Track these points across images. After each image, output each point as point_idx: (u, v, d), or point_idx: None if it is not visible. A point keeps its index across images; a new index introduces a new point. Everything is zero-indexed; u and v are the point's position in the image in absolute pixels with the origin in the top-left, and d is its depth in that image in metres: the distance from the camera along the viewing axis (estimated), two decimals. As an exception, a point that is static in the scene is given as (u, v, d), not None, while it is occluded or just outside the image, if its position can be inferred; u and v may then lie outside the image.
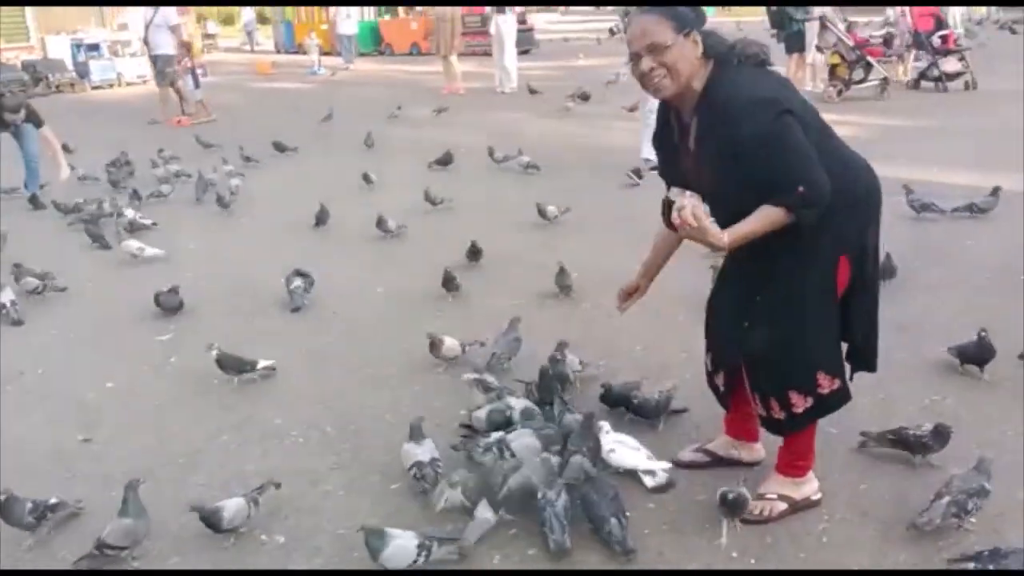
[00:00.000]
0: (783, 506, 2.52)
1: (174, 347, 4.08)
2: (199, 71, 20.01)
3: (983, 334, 3.25)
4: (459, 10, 14.45)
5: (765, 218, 2.15)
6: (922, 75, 11.04)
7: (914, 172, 6.49)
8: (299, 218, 6.17)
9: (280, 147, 8.98)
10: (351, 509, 2.66)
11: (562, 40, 21.92)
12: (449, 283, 4.50)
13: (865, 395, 3.13)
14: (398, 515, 2.59)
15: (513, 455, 2.70)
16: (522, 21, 20.74)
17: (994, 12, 23.07)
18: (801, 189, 2.12)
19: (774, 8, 10.72)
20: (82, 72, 17.93)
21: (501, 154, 7.60)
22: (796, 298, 2.31)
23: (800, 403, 2.36)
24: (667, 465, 2.74)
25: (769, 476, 2.59)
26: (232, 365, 3.61)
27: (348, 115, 11.46)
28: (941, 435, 2.66)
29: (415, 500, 2.68)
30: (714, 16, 30.15)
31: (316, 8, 25.31)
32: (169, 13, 11.55)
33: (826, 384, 2.36)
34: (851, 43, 10.31)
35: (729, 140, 2.14)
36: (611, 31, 6.53)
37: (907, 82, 11.37)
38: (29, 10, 20.26)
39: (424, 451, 2.73)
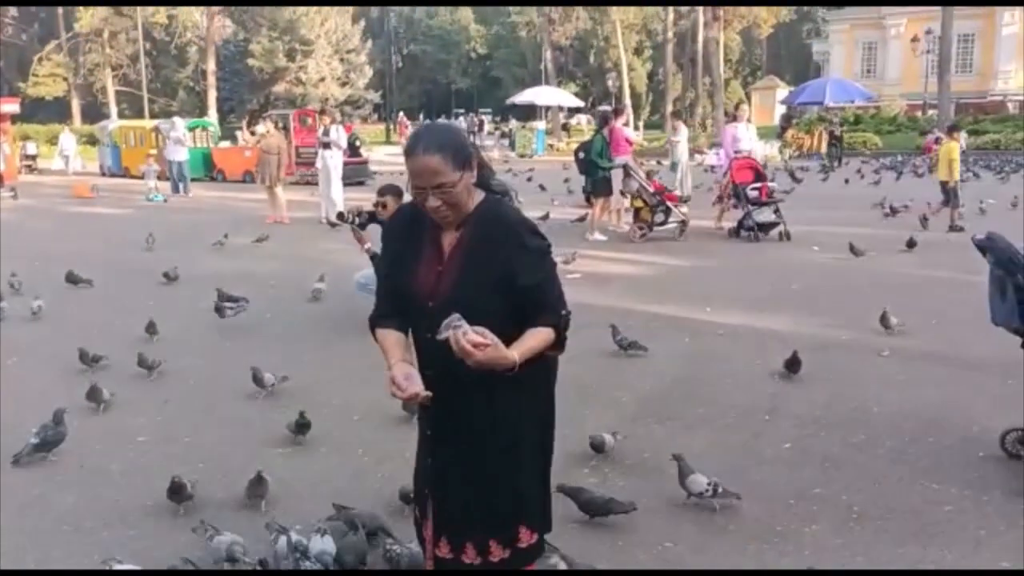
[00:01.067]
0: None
1: None
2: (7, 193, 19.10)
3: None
4: (284, 143, 14.77)
5: (541, 337, 2.17)
6: (740, 224, 11.11)
7: (686, 310, 6.99)
8: (71, 360, 5.75)
9: (73, 279, 8.53)
10: None
11: (399, 173, 22.50)
12: (178, 494, 3.56)
13: (604, 541, 3.24)
14: None
15: None
16: (356, 153, 21.25)
17: (787, 160, 25.82)
18: (564, 312, 2.22)
19: (581, 155, 11.43)
20: None
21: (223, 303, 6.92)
22: (516, 450, 2.32)
23: (498, 553, 2.33)
24: None
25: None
26: None
27: (169, 243, 11.17)
28: None
29: None
30: (543, 154, 32.02)
31: (148, 131, 24.84)
32: None
33: (526, 538, 2.37)
34: (652, 189, 11.16)
35: (508, 250, 2.19)
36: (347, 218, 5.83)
37: (727, 230, 11.37)
38: None
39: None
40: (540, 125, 37.25)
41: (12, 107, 25.45)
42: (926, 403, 4.76)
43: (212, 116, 37.77)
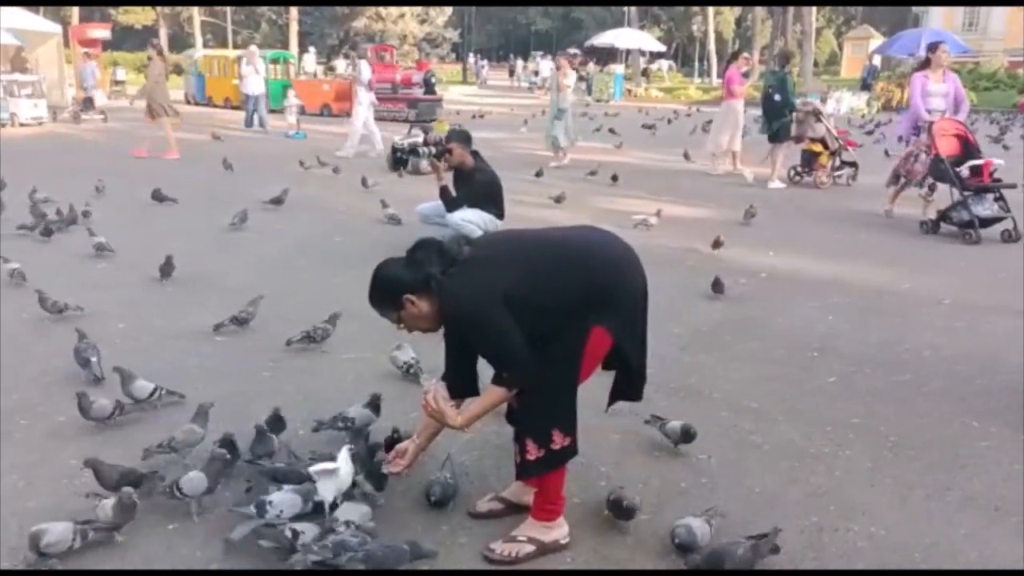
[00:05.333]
0: (530, 548, 2.70)
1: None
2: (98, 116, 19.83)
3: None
4: (161, 70, 13.29)
5: (489, 398, 2.63)
6: (943, 216, 8.10)
7: (747, 255, 7.01)
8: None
9: (159, 197, 8.97)
10: None
11: (477, 116, 22.47)
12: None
13: (641, 453, 3.40)
14: None
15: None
16: (431, 91, 21.43)
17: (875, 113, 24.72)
18: (505, 376, 2.54)
19: (777, 97, 11.02)
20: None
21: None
22: (543, 362, 2.55)
23: (533, 451, 2.60)
24: None
25: (524, 520, 2.78)
26: None
27: (252, 169, 11.64)
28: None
29: None
30: (620, 100, 31.38)
31: (231, 62, 25.28)
32: None
33: (559, 440, 2.60)
34: (836, 134, 11.19)
35: (460, 330, 2.68)
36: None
37: (924, 223, 8.27)
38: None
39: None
40: (618, 69, 36.42)
41: (104, 33, 26.36)
42: (981, 350, 4.75)
43: (294, 49, 38.07)
